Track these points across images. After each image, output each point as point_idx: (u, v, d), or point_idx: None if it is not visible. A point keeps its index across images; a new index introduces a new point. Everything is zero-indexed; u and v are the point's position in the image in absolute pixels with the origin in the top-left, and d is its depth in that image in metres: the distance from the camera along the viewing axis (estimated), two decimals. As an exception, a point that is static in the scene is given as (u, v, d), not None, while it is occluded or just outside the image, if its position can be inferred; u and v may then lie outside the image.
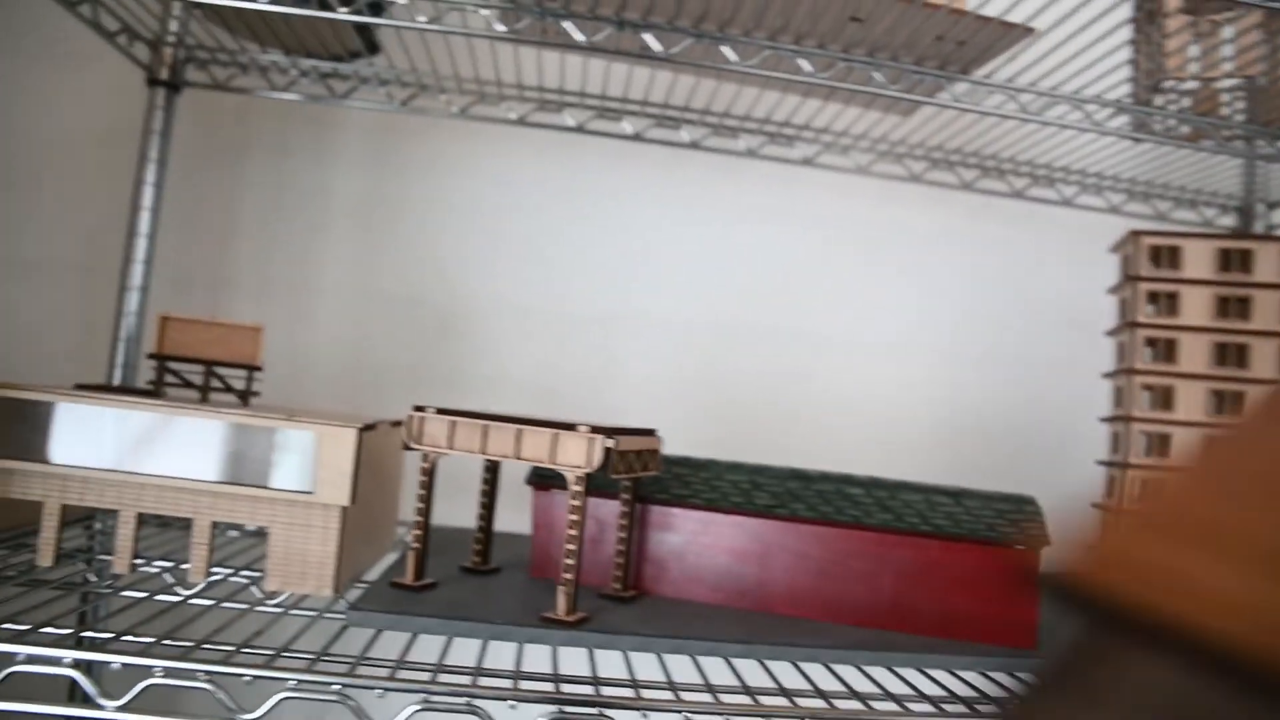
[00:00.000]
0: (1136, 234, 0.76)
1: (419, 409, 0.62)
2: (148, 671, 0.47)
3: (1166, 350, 0.75)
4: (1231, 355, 0.73)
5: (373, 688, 0.48)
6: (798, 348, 1.07)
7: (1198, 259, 0.74)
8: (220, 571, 0.67)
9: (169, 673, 0.47)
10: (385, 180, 1.04)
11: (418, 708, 0.47)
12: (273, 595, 0.62)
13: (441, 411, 0.62)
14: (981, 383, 1.09)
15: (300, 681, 0.47)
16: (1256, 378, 0.73)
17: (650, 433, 0.64)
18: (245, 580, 0.68)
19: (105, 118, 1.00)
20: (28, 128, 0.99)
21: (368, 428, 0.63)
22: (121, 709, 0.46)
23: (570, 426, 0.58)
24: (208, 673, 0.47)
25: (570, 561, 0.57)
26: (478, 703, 0.48)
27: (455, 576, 0.67)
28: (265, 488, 0.61)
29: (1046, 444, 1.07)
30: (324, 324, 1.02)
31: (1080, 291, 0.96)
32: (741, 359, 1.06)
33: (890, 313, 1.09)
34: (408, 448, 0.62)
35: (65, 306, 1.00)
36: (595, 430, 0.57)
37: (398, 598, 0.60)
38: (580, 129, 0.97)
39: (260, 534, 0.86)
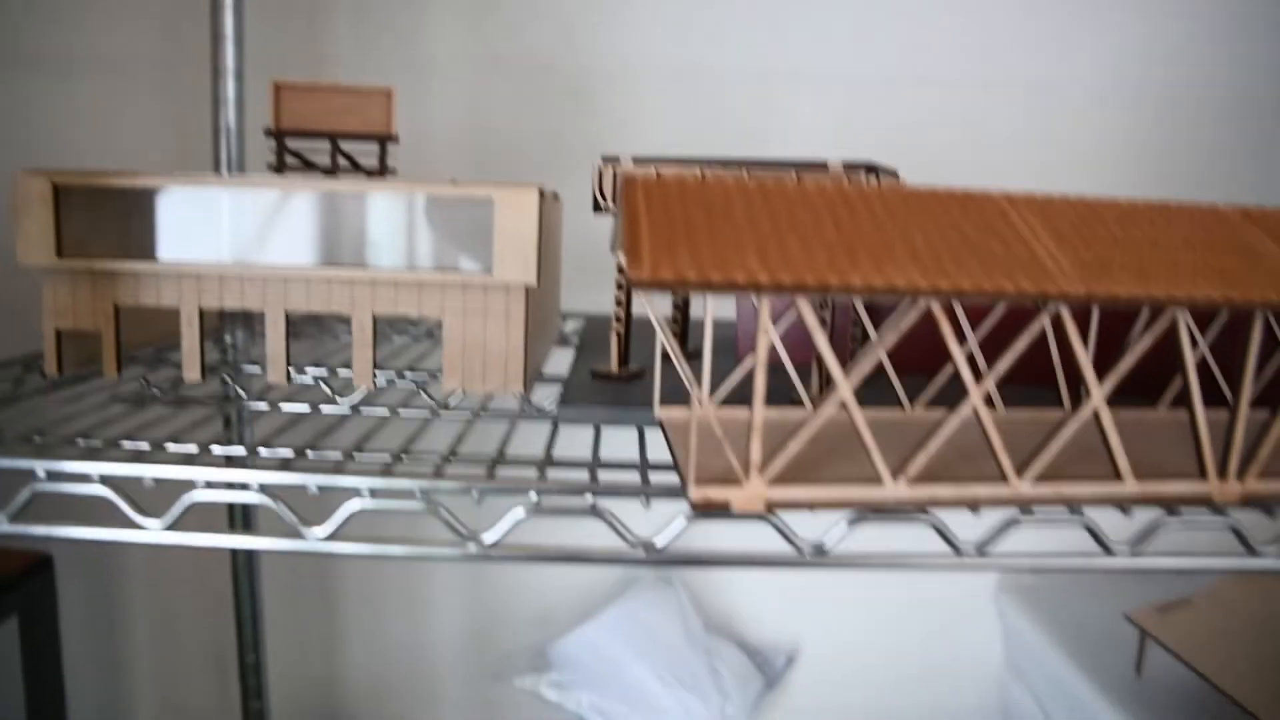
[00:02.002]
0: None
1: (609, 159, 0.50)
2: (354, 493, 0.37)
3: None
4: None
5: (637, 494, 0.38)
6: (990, 104, 0.91)
7: None
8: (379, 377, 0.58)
9: (378, 493, 0.37)
10: (493, -79, 0.87)
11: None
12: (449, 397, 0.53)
13: (640, 161, 0.49)
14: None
15: (540, 492, 0.37)
16: None
17: (894, 173, 0.51)
18: (411, 384, 0.59)
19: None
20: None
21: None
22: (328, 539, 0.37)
23: (818, 165, 0.45)
24: (422, 490, 0.37)
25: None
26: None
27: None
28: (434, 270, 0.50)
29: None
30: (437, 101, 0.89)
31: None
32: (923, 118, 0.90)
33: (1098, 58, 0.91)
34: (600, 209, 0.50)
35: (152, 105, 0.88)
36: (852, 167, 0.44)
37: (608, 390, 0.50)
38: None
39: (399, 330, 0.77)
